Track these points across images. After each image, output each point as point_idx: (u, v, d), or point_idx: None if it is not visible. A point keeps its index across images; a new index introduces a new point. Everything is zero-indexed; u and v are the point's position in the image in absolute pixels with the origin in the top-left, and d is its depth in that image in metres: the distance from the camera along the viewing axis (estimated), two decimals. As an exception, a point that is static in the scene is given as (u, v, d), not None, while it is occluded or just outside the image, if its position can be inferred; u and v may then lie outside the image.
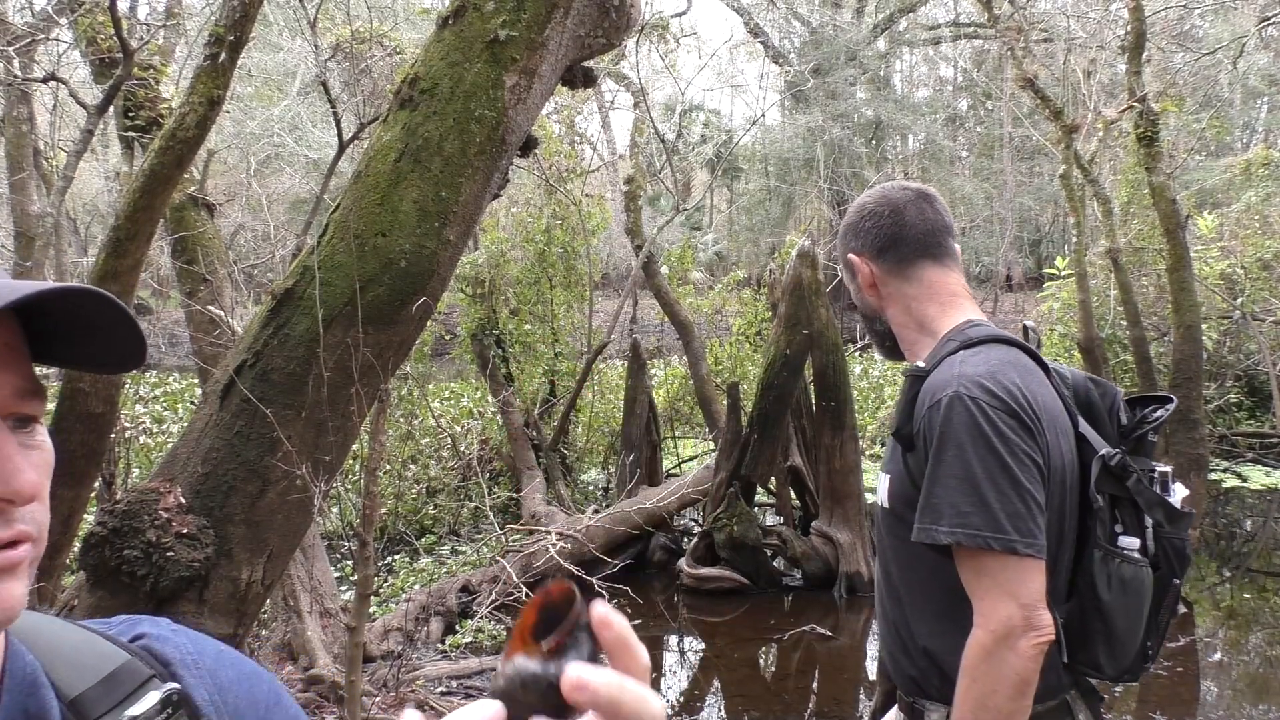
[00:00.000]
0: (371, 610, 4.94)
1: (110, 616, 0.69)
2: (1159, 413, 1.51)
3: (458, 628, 5.27)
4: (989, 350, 1.43)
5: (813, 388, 6.34)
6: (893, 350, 1.66)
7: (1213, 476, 8.01)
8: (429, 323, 3.14)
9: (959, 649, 1.37)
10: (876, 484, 1.62)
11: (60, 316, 0.57)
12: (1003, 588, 1.30)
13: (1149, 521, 1.41)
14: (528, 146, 2.73)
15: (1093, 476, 1.40)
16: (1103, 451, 1.41)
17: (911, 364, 1.54)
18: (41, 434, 0.59)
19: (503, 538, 6.20)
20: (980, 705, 1.31)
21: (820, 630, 5.34)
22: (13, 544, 0.54)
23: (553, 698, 0.45)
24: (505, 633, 4.82)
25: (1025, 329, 1.58)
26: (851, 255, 1.62)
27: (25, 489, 0.54)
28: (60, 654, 0.61)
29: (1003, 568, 1.30)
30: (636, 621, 5.43)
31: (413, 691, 4.01)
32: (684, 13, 10.44)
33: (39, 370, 0.59)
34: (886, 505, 1.50)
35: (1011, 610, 1.29)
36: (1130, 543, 1.40)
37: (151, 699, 0.60)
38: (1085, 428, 1.46)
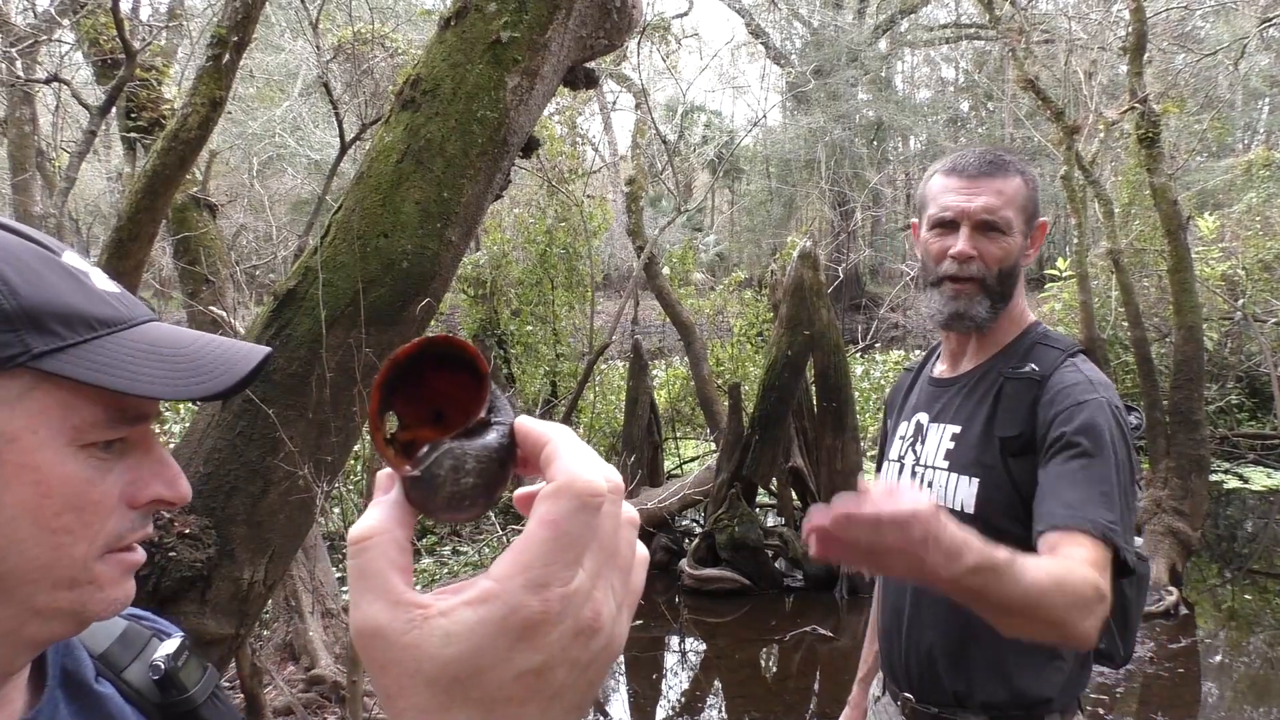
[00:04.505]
0: (373, 611, 4.93)
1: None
2: None
3: (459, 628, 5.27)
4: (1089, 362, 1.48)
5: (814, 389, 6.34)
6: (990, 315, 1.54)
7: (1214, 477, 8.00)
8: (431, 323, 3.14)
9: (1041, 664, 1.44)
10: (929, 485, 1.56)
11: None
12: (1106, 575, 1.31)
13: None
14: (530, 147, 2.73)
15: None
16: None
17: (1009, 365, 1.52)
18: None
19: (504, 538, 6.20)
20: (1058, 592, 1.25)
21: (821, 631, 5.34)
22: (133, 547, 0.59)
23: (497, 469, 0.40)
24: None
25: None
26: (1045, 220, 1.60)
27: (187, 495, 0.60)
28: None
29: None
30: (638, 622, 5.43)
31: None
32: (685, 14, 10.46)
33: None
34: (971, 511, 1.47)
35: (1105, 588, 1.29)
36: (1139, 540, 1.46)
37: (170, 645, 0.72)
38: None
